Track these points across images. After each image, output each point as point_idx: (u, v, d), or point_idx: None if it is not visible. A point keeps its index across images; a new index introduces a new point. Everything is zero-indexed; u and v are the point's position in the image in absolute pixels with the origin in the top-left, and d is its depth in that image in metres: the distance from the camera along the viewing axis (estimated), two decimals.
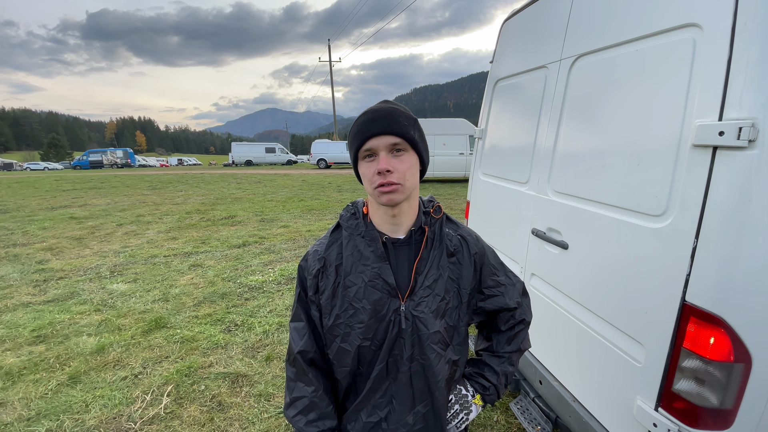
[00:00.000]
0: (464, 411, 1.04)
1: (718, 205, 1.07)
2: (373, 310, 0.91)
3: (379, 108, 0.89)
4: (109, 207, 10.01)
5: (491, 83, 2.51)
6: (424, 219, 0.98)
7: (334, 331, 0.95)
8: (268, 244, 6.30)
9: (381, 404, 0.96)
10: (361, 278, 0.92)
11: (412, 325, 0.92)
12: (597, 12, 1.58)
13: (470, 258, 0.99)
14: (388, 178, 0.85)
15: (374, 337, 0.92)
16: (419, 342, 0.92)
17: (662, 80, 1.26)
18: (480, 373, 1.08)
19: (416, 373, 0.94)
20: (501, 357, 1.08)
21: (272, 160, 34.51)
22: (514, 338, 1.09)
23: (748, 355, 1.08)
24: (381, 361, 0.93)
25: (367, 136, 0.86)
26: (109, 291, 4.37)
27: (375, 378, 0.94)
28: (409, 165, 0.88)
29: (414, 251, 0.95)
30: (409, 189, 0.89)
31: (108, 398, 2.54)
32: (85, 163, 36.38)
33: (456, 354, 0.99)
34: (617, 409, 1.44)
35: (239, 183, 16.10)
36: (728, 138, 1.02)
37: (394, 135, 0.85)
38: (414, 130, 0.89)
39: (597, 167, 1.55)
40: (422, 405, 0.96)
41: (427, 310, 0.92)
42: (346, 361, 0.94)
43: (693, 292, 1.14)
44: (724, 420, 1.13)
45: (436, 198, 1.06)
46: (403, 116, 0.87)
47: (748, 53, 0.98)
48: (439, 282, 0.94)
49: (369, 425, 0.96)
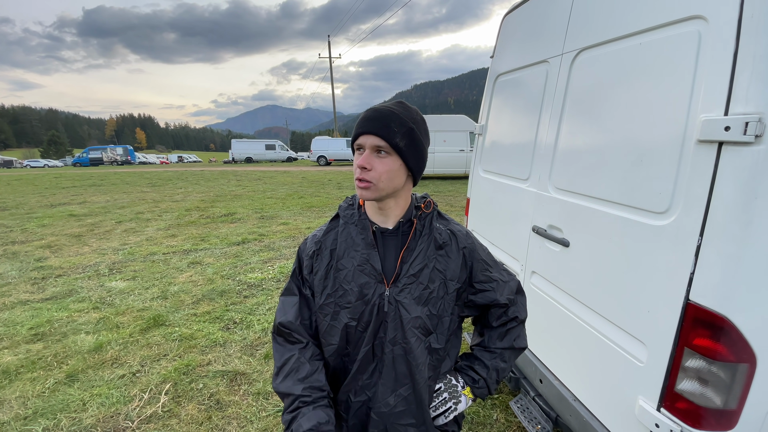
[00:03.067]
0: (453, 400, 1.08)
1: (723, 202, 1.05)
2: (360, 292, 0.97)
3: (380, 108, 0.94)
4: (109, 204, 9.98)
5: (491, 78, 2.48)
6: (414, 213, 1.03)
7: (324, 310, 1.01)
8: (268, 242, 6.28)
9: (368, 385, 1.02)
10: (351, 262, 0.99)
11: (395, 310, 0.97)
12: (599, 5, 1.54)
13: (459, 251, 1.03)
14: (363, 174, 0.92)
15: (360, 318, 0.98)
16: (401, 326, 0.97)
17: (666, 74, 1.23)
18: (470, 366, 1.12)
19: (398, 356, 0.99)
20: (492, 352, 1.12)
21: (272, 157, 34.44)
22: (506, 335, 1.11)
23: (752, 356, 1.06)
24: (367, 342, 0.99)
25: (359, 132, 0.93)
26: (107, 289, 4.35)
27: (362, 359, 1.00)
28: (388, 168, 0.92)
29: (402, 241, 1.01)
30: (383, 190, 0.93)
31: (105, 396, 2.53)
32: (85, 160, 36.36)
33: (438, 343, 1.02)
34: (619, 409, 1.42)
35: (239, 180, 16.06)
36: (734, 133, 0.99)
37: (379, 137, 0.90)
38: (402, 137, 0.91)
39: (599, 163, 1.52)
40: (404, 388, 1.00)
41: (410, 297, 0.97)
42: (334, 338, 1.01)
43: (697, 290, 1.12)
44: (728, 421, 1.11)
45: (436, 195, 1.07)
46: (396, 122, 0.91)
47: (756, 46, 0.96)
48: (424, 271, 0.98)
49: (357, 404, 1.03)
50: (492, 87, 2.48)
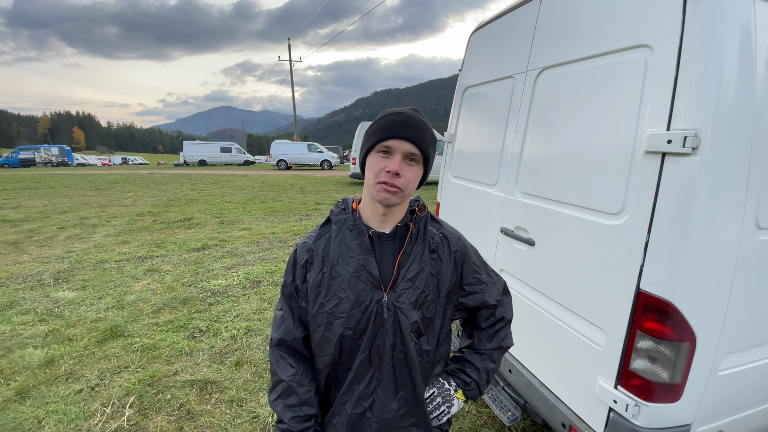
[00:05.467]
0: (446, 404, 1.09)
1: (666, 204, 1.23)
2: (357, 300, 0.95)
3: (412, 115, 0.94)
4: (48, 209, 9.20)
5: (460, 90, 2.64)
6: (410, 216, 1.04)
7: (317, 320, 0.99)
8: (230, 247, 6.10)
9: (365, 395, 1.00)
10: (346, 269, 0.97)
11: (394, 315, 0.96)
12: (560, 30, 1.72)
13: (450, 255, 1.05)
14: (394, 180, 0.91)
15: (356, 326, 0.96)
16: (400, 332, 0.97)
17: (618, 93, 1.41)
18: (462, 369, 1.13)
19: (398, 360, 0.99)
20: (482, 354, 1.13)
21: (228, 160, 33.21)
22: (495, 336, 1.13)
23: (693, 335, 1.24)
24: (363, 350, 0.97)
25: (392, 135, 0.90)
26: (54, 299, 4.04)
27: (358, 368, 0.98)
28: (416, 176, 0.95)
29: (398, 246, 1.01)
30: (406, 196, 0.96)
31: (63, 413, 2.37)
32: (14, 161, 33.05)
33: (429, 345, 1.03)
34: (581, 390, 1.58)
35: (193, 184, 15.38)
36: (675, 146, 1.17)
37: (415, 145, 0.91)
38: (432, 148, 0.96)
39: (561, 171, 1.69)
40: (404, 390, 1.01)
41: (407, 301, 0.97)
42: (329, 349, 0.98)
43: (646, 280, 1.29)
44: (674, 393, 1.29)
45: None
46: (428, 132, 0.94)
47: (692, 73, 1.14)
48: (420, 276, 0.99)
49: (354, 417, 1.00)
50: (461, 98, 2.63)
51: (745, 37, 1.13)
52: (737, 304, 1.29)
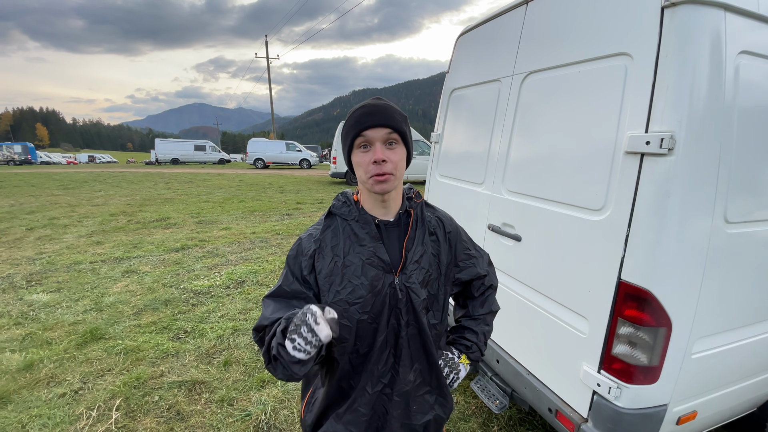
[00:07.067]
0: (453, 372, 1.19)
1: (645, 200, 1.33)
2: (371, 285, 1.01)
3: (375, 103, 0.98)
4: (14, 209, 8.77)
5: (447, 92, 2.71)
6: (408, 203, 1.11)
7: (333, 308, 1.02)
8: (210, 248, 6.00)
9: (384, 372, 1.06)
10: (358, 257, 1.02)
11: (406, 296, 1.03)
12: (546, 37, 1.82)
13: (445, 236, 1.15)
14: (382, 168, 0.95)
15: (371, 310, 1.01)
16: (413, 309, 1.04)
17: (600, 97, 1.51)
18: (462, 336, 1.24)
19: (413, 335, 1.06)
20: (477, 319, 1.25)
21: (202, 159, 32.35)
22: (486, 301, 1.27)
23: (668, 321, 1.35)
24: (381, 332, 1.03)
25: (365, 127, 0.95)
26: (28, 302, 3.89)
27: (378, 349, 1.04)
28: (401, 157, 0.99)
29: (402, 231, 1.08)
30: (399, 179, 1.01)
31: (47, 417, 2.31)
32: None
33: (435, 319, 1.12)
34: (566, 376, 1.68)
35: (167, 183, 14.95)
36: (653, 147, 1.28)
37: (389, 128, 0.95)
38: (405, 124, 1.00)
39: (546, 170, 1.79)
40: (419, 362, 1.08)
41: (417, 281, 1.05)
42: (346, 336, 1.01)
43: (627, 271, 1.40)
44: (653, 375, 1.39)
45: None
46: (397, 112, 0.98)
47: (668, 79, 1.25)
48: (424, 257, 1.07)
49: (375, 395, 1.06)
50: (447, 100, 2.71)
51: (716, 46, 1.24)
52: (708, 292, 1.41)
